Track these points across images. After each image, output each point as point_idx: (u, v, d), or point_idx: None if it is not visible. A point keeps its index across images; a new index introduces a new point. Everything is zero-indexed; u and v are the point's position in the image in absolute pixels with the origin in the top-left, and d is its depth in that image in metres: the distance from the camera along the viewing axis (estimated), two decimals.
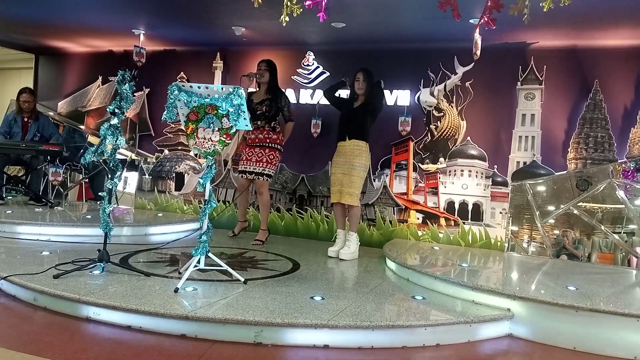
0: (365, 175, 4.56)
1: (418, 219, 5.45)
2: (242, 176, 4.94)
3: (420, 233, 5.36)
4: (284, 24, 3.42)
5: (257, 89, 4.99)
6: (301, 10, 3.36)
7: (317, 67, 6.00)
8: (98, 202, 6.34)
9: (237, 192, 5.17)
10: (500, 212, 5.18)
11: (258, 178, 4.85)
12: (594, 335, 2.90)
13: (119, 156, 3.56)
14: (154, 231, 5.22)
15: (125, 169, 6.45)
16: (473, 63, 5.29)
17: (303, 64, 6.06)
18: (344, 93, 4.92)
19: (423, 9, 4.42)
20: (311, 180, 5.85)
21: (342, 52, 5.86)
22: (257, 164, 4.85)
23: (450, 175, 5.42)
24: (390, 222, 5.46)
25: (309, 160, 5.86)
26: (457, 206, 5.36)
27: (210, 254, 3.35)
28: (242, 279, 3.35)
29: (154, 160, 6.63)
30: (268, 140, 4.87)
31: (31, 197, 6.07)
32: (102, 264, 3.39)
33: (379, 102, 4.56)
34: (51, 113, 7.22)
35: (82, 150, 6.50)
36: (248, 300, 2.98)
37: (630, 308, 2.90)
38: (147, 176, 6.57)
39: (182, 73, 6.61)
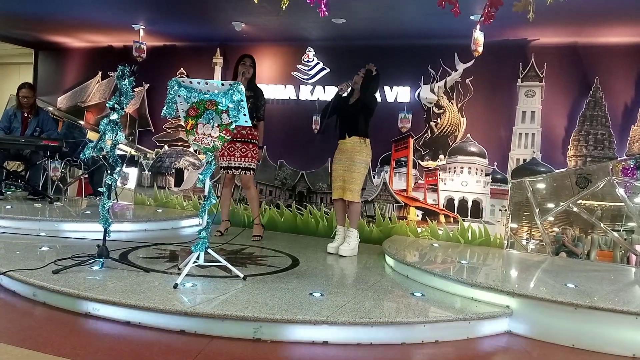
0: (366, 172, 4.56)
1: (417, 215, 5.45)
2: (227, 172, 4.93)
3: (419, 230, 5.36)
4: (279, 16, 3.39)
5: None
6: (287, 2, 3.34)
7: (317, 63, 5.99)
8: (97, 198, 6.37)
9: (222, 189, 5.15)
10: (500, 210, 5.18)
11: (245, 173, 4.86)
12: (593, 332, 2.90)
13: (118, 152, 3.56)
14: (154, 227, 5.22)
15: (124, 164, 6.44)
16: (473, 60, 5.28)
17: (303, 59, 6.05)
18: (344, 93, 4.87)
19: (423, 5, 4.41)
20: (311, 176, 5.84)
21: (342, 48, 5.84)
22: (243, 159, 4.84)
23: (450, 172, 5.42)
24: (390, 218, 5.46)
25: (309, 156, 5.85)
26: (456, 203, 5.36)
27: (209, 250, 3.35)
28: (242, 275, 3.35)
29: (154, 156, 6.63)
30: (250, 137, 4.86)
31: (30, 192, 6.07)
32: (101, 260, 3.39)
33: (369, 95, 4.49)
34: (50, 108, 7.21)
35: (81, 146, 6.51)
36: (247, 297, 2.98)
37: (629, 305, 2.90)
38: (146, 172, 6.56)
39: (182, 68, 6.60)
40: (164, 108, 3.28)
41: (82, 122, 7.19)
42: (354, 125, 4.48)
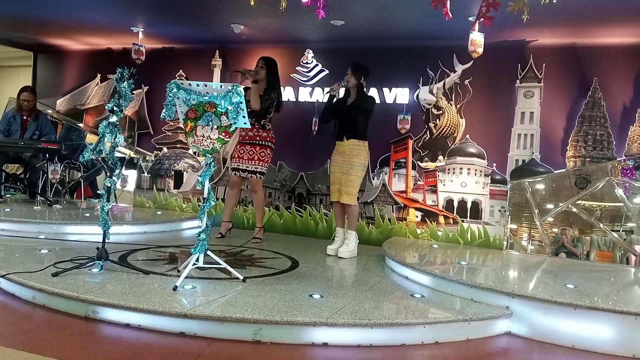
0: (363, 175, 4.55)
1: (417, 217, 5.45)
2: (235, 174, 4.93)
3: (419, 231, 5.37)
4: (277, 19, 3.41)
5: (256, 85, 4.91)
6: (286, 2, 3.35)
7: (316, 64, 5.99)
8: (97, 200, 6.36)
9: (228, 189, 5.14)
10: (499, 210, 5.19)
11: (251, 176, 4.86)
12: (593, 333, 2.90)
13: (117, 154, 3.56)
14: (153, 229, 5.22)
15: (124, 167, 6.44)
16: (472, 61, 5.28)
17: (302, 61, 6.05)
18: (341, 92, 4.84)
19: (422, 6, 4.40)
20: (310, 178, 5.84)
21: (341, 50, 5.85)
22: (250, 162, 4.85)
23: (449, 173, 5.42)
24: (389, 220, 5.47)
25: (308, 158, 5.85)
26: (456, 204, 5.36)
27: (209, 252, 3.35)
28: (241, 277, 3.35)
29: (153, 159, 6.62)
30: (258, 138, 4.86)
31: (27, 192, 6.08)
32: (100, 262, 3.39)
33: (364, 101, 4.49)
34: (50, 111, 7.21)
35: (80, 149, 6.51)
36: (247, 298, 2.98)
37: (629, 306, 2.91)
38: (146, 174, 6.56)
39: (181, 71, 6.60)
40: (163, 110, 3.28)
41: (81, 125, 7.19)
42: (352, 127, 4.46)
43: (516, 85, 5.29)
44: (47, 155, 5.89)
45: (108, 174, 3.48)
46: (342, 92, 4.62)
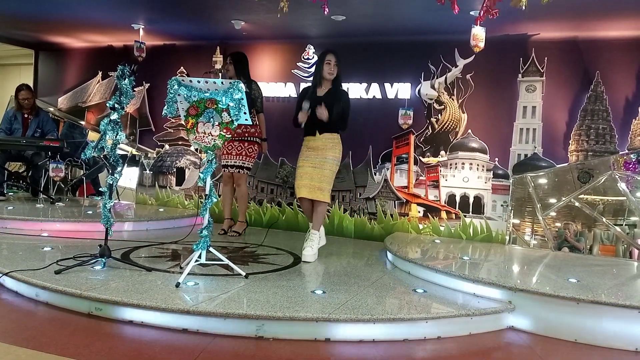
0: (337, 169, 4.19)
1: (419, 212, 5.45)
2: (225, 170, 4.98)
3: (421, 226, 5.36)
4: (279, 16, 3.41)
5: None
6: (288, 2, 3.36)
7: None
8: (99, 197, 6.38)
9: (222, 186, 5.16)
10: (502, 205, 5.18)
11: (238, 171, 4.90)
12: (596, 327, 2.90)
13: (119, 151, 3.56)
14: (155, 226, 5.23)
15: (125, 164, 6.45)
16: (474, 55, 5.26)
17: (303, 57, 6.04)
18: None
19: (423, 1, 4.40)
20: None
21: (342, 45, 5.78)
22: (237, 157, 4.87)
23: (451, 168, 5.41)
24: (392, 215, 5.46)
25: None
26: (458, 199, 5.35)
27: (211, 249, 3.35)
28: (244, 273, 3.36)
29: (155, 156, 6.63)
30: (247, 134, 4.87)
31: (30, 190, 6.09)
32: (103, 259, 3.40)
33: (342, 97, 4.15)
34: (51, 109, 7.22)
35: (82, 146, 6.52)
36: (249, 295, 2.98)
37: (632, 300, 2.90)
38: (147, 171, 6.57)
39: (182, 68, 6.60)
40: (165, 107, 3.29)
41: (82, 123, 7.19)
42: (327, 121, 4.02)
43: (518, 80, 5.27)
44: (49, 153, 5.90)
45: (110, 172, 3.48)
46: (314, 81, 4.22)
